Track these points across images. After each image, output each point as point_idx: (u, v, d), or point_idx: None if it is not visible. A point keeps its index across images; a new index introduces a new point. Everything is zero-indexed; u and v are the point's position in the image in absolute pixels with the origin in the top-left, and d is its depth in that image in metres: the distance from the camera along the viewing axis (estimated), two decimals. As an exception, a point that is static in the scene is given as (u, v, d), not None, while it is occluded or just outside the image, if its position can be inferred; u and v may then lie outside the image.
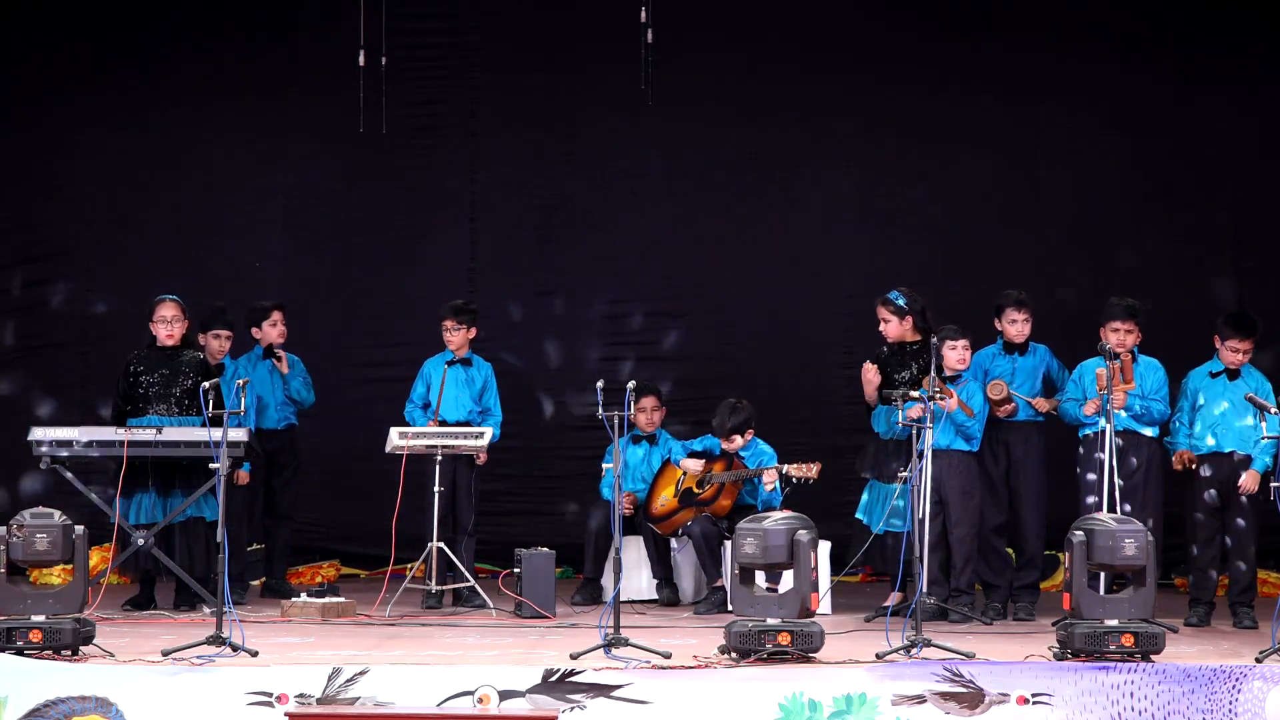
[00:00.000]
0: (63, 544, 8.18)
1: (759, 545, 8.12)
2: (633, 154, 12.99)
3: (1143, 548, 8.02)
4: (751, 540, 8.14)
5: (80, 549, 8.23)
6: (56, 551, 8.19)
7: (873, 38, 12.79)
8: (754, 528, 8.18)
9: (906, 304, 10.31)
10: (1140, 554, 8.01)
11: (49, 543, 8.15)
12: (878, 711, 7.45)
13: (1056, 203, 12.68)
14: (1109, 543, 8.01)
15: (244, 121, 13.01)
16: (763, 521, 8.21)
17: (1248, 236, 12.61)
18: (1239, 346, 9.87)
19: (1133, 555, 8.01)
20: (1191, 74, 12.59)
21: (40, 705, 7.47)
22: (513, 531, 12.26)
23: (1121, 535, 8.02)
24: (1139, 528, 8.13)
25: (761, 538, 8.13)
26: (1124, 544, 8.01)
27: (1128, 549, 8.01)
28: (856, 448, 10.84)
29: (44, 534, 8.15)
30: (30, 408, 12.68)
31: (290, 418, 11.23)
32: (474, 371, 10.87)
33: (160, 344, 10.35)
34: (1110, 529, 8.06)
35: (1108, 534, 8.03)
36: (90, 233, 13.01)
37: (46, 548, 8.15)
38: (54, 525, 8.19)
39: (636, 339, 12.97)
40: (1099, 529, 8.07)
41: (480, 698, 7.44)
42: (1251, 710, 7.41)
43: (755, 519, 8.31)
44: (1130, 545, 8.01)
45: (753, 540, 8.13)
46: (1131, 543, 8.01)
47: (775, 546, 8.12)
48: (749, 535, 8.16)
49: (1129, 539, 8.02)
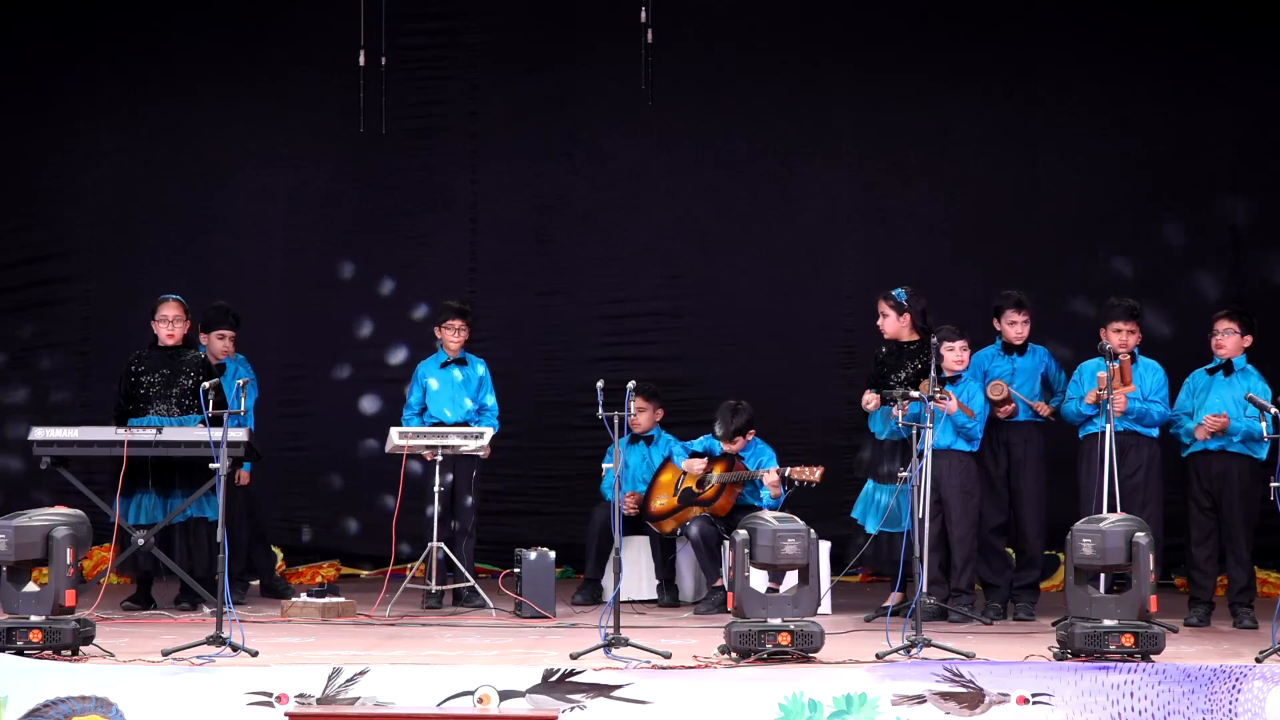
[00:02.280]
0: (41, 545, 8.09)
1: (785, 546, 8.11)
2: (633, 154, 12.99)
3: (1143, 548, 8.00)
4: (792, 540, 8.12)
5: (58, 550, 8.07)
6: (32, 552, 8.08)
7: (872, 38, 12.79)
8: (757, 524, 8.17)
9: (907, 301, 10.32)
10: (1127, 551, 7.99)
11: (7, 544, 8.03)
12: (878, 711, 7.45)
13: (1056, 202, 12.69)
14: (1102, 544, 8.00)
15: (244, 121, 13.03)
16: (761, 522, 8.20)
17: (1247, 236, 12.61)
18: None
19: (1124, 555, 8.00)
20: (1191, 74, 12.60)
21: (40, 705, 7.46)
22: (513, 531, 12.27)
23: (1117, 534, 8.01)
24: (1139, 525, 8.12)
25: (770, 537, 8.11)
26: (1119, 545, 8.00)
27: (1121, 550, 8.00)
28: (856, 448, 10.84)
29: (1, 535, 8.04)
30: (30, 407, 12.69)
31: None
32: (469, 370, 10.85)
33: (161, 343, 10.34)
34: (1108, 529, 8.05)
35: (1099, 534, 8.02)
36: (90, 232, 13.02)
37: (3, 548, 8.05)
38: (23, 526, 8.10)
39: (636, 339, 12.96)
40: (1092, 529, 8.06)
41: (480, 698, 7.44)
42: (1251, 710, 7.41)
43: (756, 517, 8.29)
44: (1121, 543, 7.99)
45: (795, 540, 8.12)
46: (1122, 540, 7.99)
47: (779, 548, 8.10)
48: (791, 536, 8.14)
49: (1122, 539, 8.00)
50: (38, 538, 8.09)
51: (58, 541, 8.08)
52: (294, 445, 12.79)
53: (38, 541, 8.09)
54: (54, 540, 8.09)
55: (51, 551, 8.09)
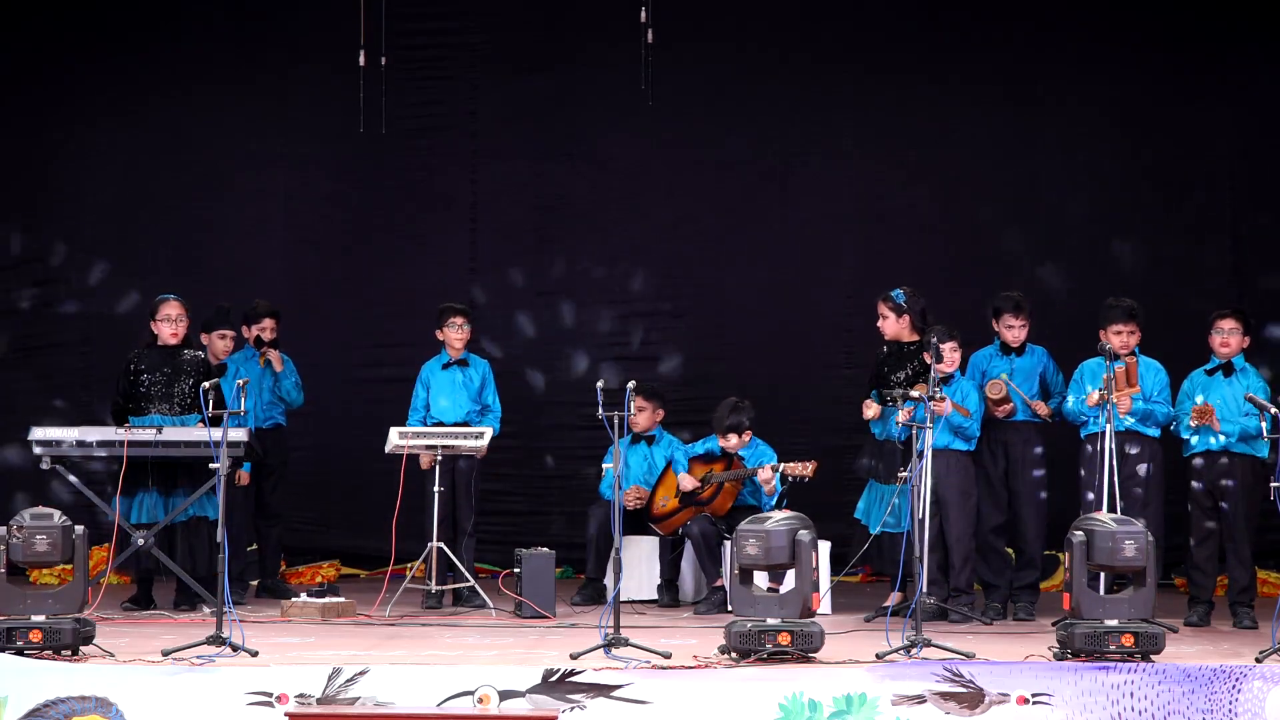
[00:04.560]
0: (63, 544, 8.19)
1: (761, 546, 8.11)
2: (633, 154, 12.98)
3: (1142, 548, 8.02)
4: (754, 541, 8.12)
5: (80, 549, 8.23)
6: (56, 552, 8.19)
7: (872, 37, 12.78)
8: (756, 529, 8.18)
9: (906, 303, 10.32)
10: (1140, 555, 8.01)
11: (49, 544, 8.15)
12: (878, 711, 7.45)
13: (1056, 202, 12.68)
14: (1109, 543, 8.01)
15: (244, 121, 13.02)
16: (764, 522, 8.21)
17: (1247, 236, 12.61)
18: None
19: (1133, 556, 8.01)
20: (1191, 74, 12.59)
21: (40, 705, 7.47)
22: (513, 531, 12.27)
23: (1121, 536, 8.02)
24: (1139, 528, 8.13)
25: (764, 539, 8.12)
26: (1124, 544, 8.01)
27: (1128, 550, 8.01)
28: (856, 448, 10.85)
29: (43, 535, 8.15)
30: (31, 408, 12.68)
31: (278, 418, 11.22)
32: (471, 371, 10.87)
33: (163, 343, 10.34)
34: (1110, 529, 8.06)
35: (1108, 534, 8.03)
36: (90, 232, 13.01)
37: (46, 549, 8.16)
38: (54, 526, 8.19)
39: (636, 339, 12.96)
40: (1099, 529, 8.07)
41: (480, 698, 7.44)
42: (1251, 710, 7.42)
43: (756, 519, 8.30)
44: (1130, 546, 8.01)
45: (755, 541, 8.12)
46: (1131, 543, 8.01)
47: (778, 548, 8.10)
48: (750, 536, 8.15)
49: (1129, 539, 8.02)
50: (65, 538, 8.20)
51: (79, 540, 8.17)
52: (294, 445, 12.77)
53: (66, 542, 8.20)
54: (76, 539, 8.18)
55: (75, 551, 8.18)
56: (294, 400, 11.24)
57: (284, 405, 11.22)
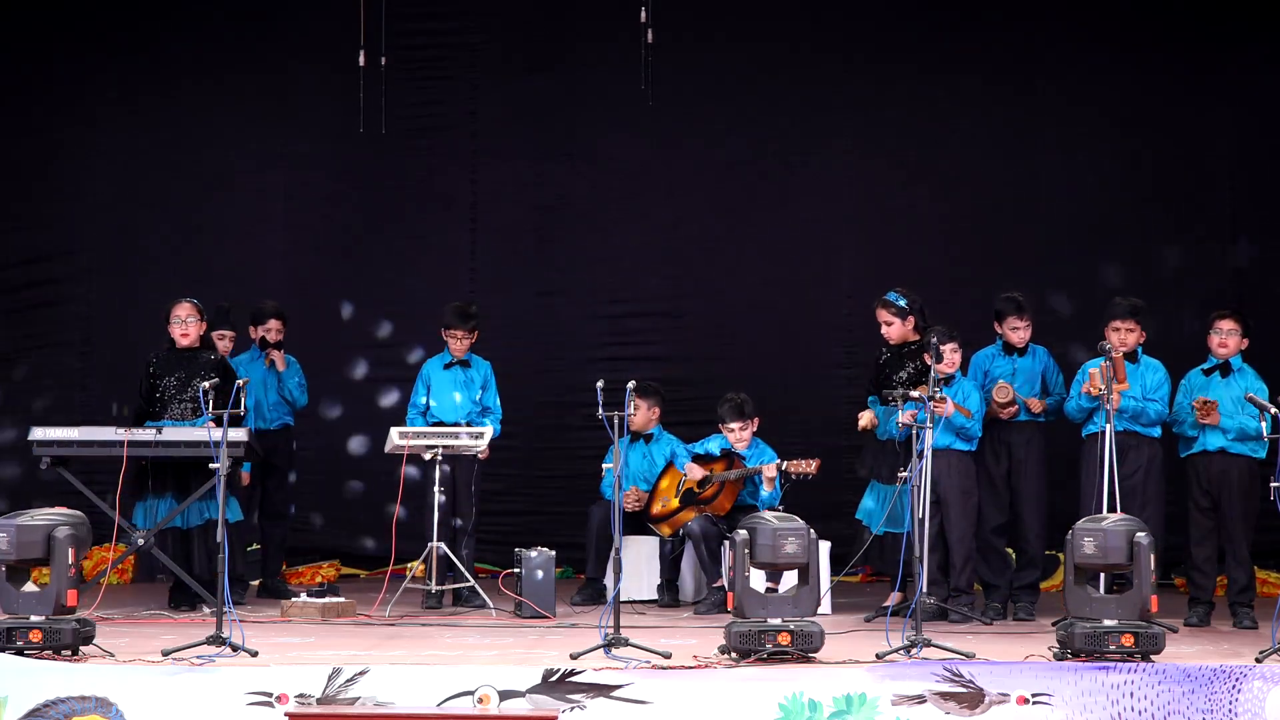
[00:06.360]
0: (43, 545, 8.09)
1: (1099, 546, 8.02)
2: (633, 154, 12.99)
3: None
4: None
5: (59, 550, 8.07)
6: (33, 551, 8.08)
7: (872, 38, 12.80)
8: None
9: (907, 304, 10.31)
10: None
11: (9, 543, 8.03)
12: (878, 711, 7.45)
13: (1056, 202, 12.68)
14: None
15: (244, 121, 13.03)
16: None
17: (1247, 236, 12.61)
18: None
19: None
20: (1191, 74, 12.60)
21: (40, 705, 7.47)
22: (513, 531, 12.27)
23: (784, 533, 8.03)
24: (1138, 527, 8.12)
25: (1101, 537, 8.02)
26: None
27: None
28: (856, 448, 10.85)
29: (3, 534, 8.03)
30: (30, 407, 12.69)
31: (285, 418, 11.23)
32: (473, 372, 10.87)
33: (178, 345, 10.34)
34: (772, 526, 8.07)
35: (769, 531, 8.04)
36: (90, 232, 13.02)
37: (5, 547, 8.05)
38: (25, 525, 8.10)
39: (636, 339, 12.96)
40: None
41: (480, 698, 7.44)
42: (1251, 710, 7.41)
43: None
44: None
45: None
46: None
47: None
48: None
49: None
50: (39, 537, 8.08)
51: (59, 541, 8.08)
52: (301, 445, 12.78)
53: (39, 541, 8.08)
54: (55, 540, 8.09)
55: (53, 551, 8.09)
56: (298, 400, 11.24)
57: (289, 405, 11.22)
